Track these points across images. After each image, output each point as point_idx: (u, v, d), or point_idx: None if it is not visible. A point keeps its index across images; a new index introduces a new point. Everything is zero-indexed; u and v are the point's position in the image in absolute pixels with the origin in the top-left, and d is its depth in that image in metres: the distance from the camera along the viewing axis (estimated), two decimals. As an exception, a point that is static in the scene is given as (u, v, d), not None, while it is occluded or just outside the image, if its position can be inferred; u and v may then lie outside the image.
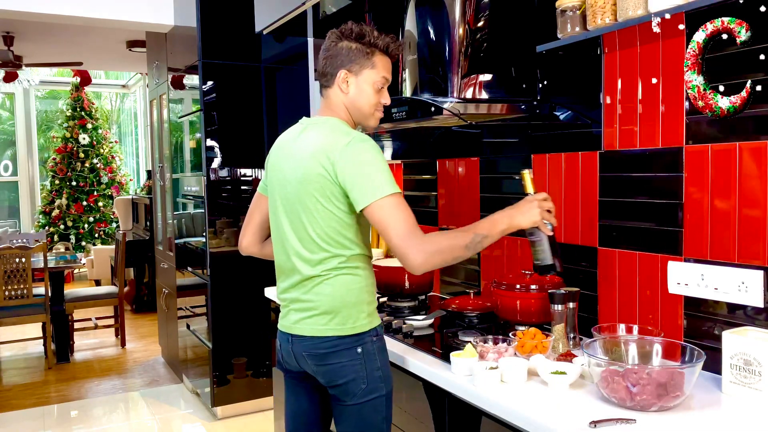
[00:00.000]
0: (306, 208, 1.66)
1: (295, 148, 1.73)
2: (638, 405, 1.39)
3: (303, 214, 1.67)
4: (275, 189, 1.78)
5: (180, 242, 4.27)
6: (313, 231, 1.67)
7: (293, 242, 1.71)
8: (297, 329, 1.73)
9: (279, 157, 1.79)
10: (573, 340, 1.84)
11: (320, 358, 1.69)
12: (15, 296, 4.75)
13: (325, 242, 1.66)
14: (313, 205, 1.65)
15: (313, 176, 1.63)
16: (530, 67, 2.13)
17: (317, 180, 1.63)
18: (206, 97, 3.65)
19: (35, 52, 6.42)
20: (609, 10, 1.67)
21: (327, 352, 1.68)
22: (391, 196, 1.56)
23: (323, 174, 1.61)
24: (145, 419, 3.89)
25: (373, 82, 1.71)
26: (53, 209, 8.54)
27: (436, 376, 1.74)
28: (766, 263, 1.51)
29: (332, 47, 1.73)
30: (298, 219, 1.69)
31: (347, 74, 1.70)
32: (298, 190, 1.68)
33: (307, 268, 1.69)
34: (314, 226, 1.66)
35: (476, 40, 2.09)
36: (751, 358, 1.43)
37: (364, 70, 1.70)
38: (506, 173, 2.35)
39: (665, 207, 1.74)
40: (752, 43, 1.49)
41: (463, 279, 2.60)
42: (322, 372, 1.70)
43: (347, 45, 1.70)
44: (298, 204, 1.68)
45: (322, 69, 1.74)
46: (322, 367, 1.70)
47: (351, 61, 1.70)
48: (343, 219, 1.65)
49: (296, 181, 1.68)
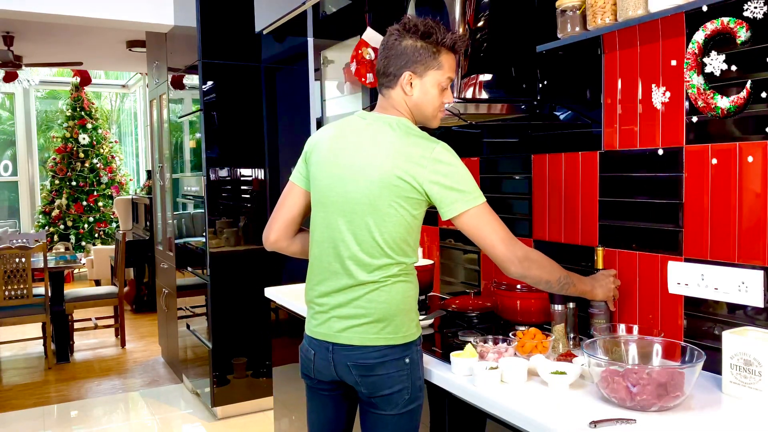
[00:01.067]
0: (377, 210, 1.58)
1: (363, 145, 1.63)
2: (638, 405, 1.39)
3: (371, 216, 1.59)
4: (327, 185, 1.66)
5: (180, 242, 4.27)
6: (380, 235, 1.58)
7: (351, 244, 1.61)
8: (343, 338, 1.62)
9: (335, 150, 1.67)
10: (573, 340, 1.84)
11: (368, 369, 1.60)
12: (15, 296, 4.75)
13: (390, 248, 1.59)
14: (386, 209, 1.58)
15: (392, 179, 1.56)
16: (530, 67, 2.13)
17: (398, 184, 1.56)
18: (206, 97, 3.65)
19: (35, 52, 6.42)
20: (609, 10, 1.67)
21: (376, 362, 1.60)
22: (484, 205, 1.58)
23: (406, 179, 1.55)
24: (145, 419, 3.89)
25: (438, 83, 1.64)
26: (53, 209, 8.54)
27: (436, 376, 1.74)
28: (766, 263, 1.51)
29: (395, 45, 1.63)
30: (362, 221, 1.60)
31: (412, 76, 1.62)
32: (370, 191, 1.58)
33: (363, 273, 1.60)
34: (382, 231, 1.58)
35: (476, 39, 2.09)
36: (751, 358, 1.43)
37: (430, 71, 1.62)
38: (506, 173, 2.35)
39: (665, 207, 1.74)
40: (752, 43, 1.49)
41: (464, 279, 2.60)
42: (367, 383, 1.61)
43: (412, 44, 1.61)
44: (367, 205, 1.59)
45: (384, 68, 1.66)
46: (367, 378, 1.61)
47: (416, 62, 1.61)
48: (411, 225, 1.61)
49: (368, 181, 1.58)
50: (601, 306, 1.82)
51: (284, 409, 2.80)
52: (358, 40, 2.71)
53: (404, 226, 1.60)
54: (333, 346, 1.64)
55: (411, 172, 1.55)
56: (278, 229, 1.79)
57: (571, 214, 2.05)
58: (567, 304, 1.83)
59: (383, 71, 1.66)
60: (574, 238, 2.04)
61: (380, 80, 1.69)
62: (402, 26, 1.64)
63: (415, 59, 1.61)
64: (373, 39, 2.67)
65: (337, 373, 1.66)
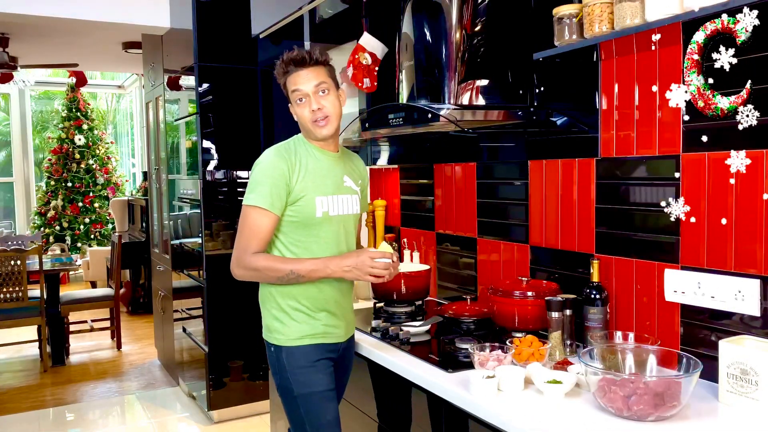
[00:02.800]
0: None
1: None
2: (635, 415, 1.38)
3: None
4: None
5: (176, 244, 4.26)
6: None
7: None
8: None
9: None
10: (570, 347, 1.84)
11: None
12: (10, 299, 4.73)
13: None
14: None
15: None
16: (527, 73, 2.13)
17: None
18: (203, 99, 3.64)
19: (30, 53, 6.39)
20: (606, 18, 1.67)
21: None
22: (249, 207, 1.81)
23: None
24: (141, 423, 3.88)
25: (294, 101, 1.86)
26: (49, 210, 8.51)
27: (432, 384, 1.74)
28: (762, 272, 1.51)
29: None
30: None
31: (290, 106, 1.90)
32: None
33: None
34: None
35: (473, 45, 2.08)
36: (747, 367, 1.43)
37: (289, 95, 1.88)
38: (503, 179, 2.34)
39: (661, 214, 1.74)
40: (752, 43, 1.49)
41: (460, 284, 2.59)
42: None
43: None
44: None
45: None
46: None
47: (287, 95, 1.90)
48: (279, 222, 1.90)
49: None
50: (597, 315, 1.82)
51: (280, 412, 2.79)
52: (355, 45, 2.71)
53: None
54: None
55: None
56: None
57: (568, 221, 2.05)
58: (564, 311, 1.83)
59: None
60: (571, 244, 2.04)
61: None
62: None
63: (285, 93, 1.91)
64: (370, 44, 2.67)
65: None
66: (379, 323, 2.28)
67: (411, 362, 1.88)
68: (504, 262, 2.34)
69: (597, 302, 1.82)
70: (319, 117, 1.82)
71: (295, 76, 1.83)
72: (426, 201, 2.80)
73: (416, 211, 2.88)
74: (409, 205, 2.94)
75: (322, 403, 1.86)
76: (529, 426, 1.40)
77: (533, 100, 2.13)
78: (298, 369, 1.86)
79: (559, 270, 2.10)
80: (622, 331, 1.76)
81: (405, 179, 2.96)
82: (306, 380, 1.85)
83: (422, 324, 2.22)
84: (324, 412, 1.86)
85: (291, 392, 1.87)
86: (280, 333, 1.89)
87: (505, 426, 1.46)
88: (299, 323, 1.86)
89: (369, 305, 2.62)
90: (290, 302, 1.87)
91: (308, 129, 1.87)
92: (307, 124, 1.85)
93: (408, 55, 2.23)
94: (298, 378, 1.85)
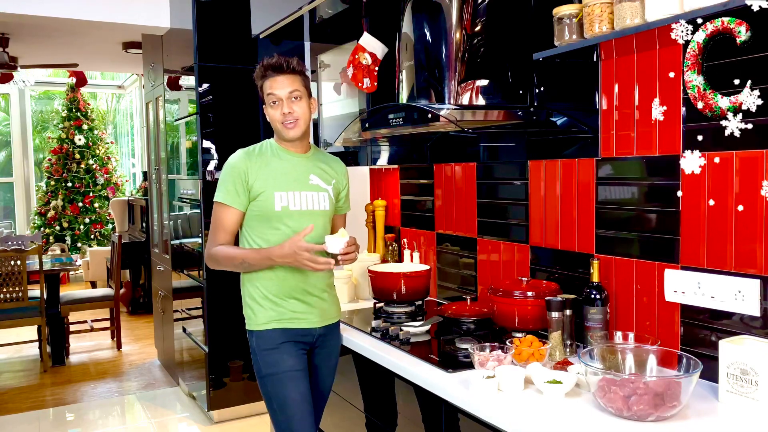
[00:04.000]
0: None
1: None
2: (635, 415, 1.38)
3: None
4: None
5: (176, 244, 4.26)
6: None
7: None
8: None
9: None
10: (570, 347, 1.84)
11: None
12: (10, 299, 4.73)
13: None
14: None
15: None
16: (527, 73, 2.12)
17: None
18: (202, 99, 3.64)
19: (30, 54, 6.39)
20: (606, 18, 1.67)
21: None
22: (214, 203, 2.06)
23: None
24: (141, 423, 3.88)
25: (267, 103, 2.02)
26: (49, 210, 8.51)
27: (432, 384, 1.74)
28: (762, 272, 1.51)
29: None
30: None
31: (264, 108, 2.06)
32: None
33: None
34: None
35: (473, 45, 2.08)
36: (747, 367, 1.43)
37: (264, 98, 2.03)
38: (503, 179, 2.34)
39: (662, 214, 1.74)
40: (752, 43, 1.49)
41: (460, 284, 2.59)
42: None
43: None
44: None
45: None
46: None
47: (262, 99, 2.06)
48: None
49: None
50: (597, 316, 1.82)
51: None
52: (355, 45, 2.71)
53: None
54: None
55: None
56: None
57: (568, 221, 2.05)
58: (564, 311, 1.83)
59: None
60: (571, 245, 2.04)
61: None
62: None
63: (260, 96, 2.06)
64: (370, 44, 2.67)
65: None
66: (379, 323, 2.28)
67: (411, 362, 1.88)
68: (504, 262, 2.34)
69: (597, 302, 1.82)
70: (289, 120, 2.00)
71: (272, 81, 1.99)
72: (426, 201, 2.80)
73: (416, 211, 2.88)
74: (409, 205, 2.94)
75: (286, 382, 1.98)
76: (529, 426, 1.40)
77: (533, 100, 2.13)
78: (265, 351, 2.01)
79: (559, 270, 2.10)
80: (622, 331, 1.76)
81: (405, 179, 2.96)
82: (272, 361, 1.99)
83: (422, 324, 2.22)
84: (288, 390, 1.98)
85: (260, 372, 2.02)
86: (251, 319, 2.05)
87: (505, 426, 1.46)
88: (266, 309, 2.02)
89: (369, 305, 2.62)
90: (258, 291, 2.03)
91: (278, 129, 2.04)
92: (277, 125, 2.03)
93: (408, 55, 2.23)
94: (265, 359, 2.00)
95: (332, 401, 2.38)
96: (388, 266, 2.65)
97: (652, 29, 1.66)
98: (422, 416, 1.85)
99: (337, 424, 2.40)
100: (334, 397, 2.37)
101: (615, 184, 1.88)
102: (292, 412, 1.97)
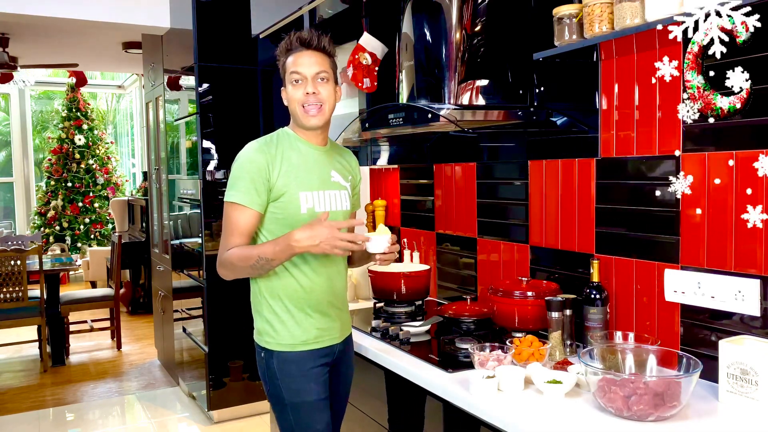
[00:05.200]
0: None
1: None
2: (635, 415, 1.38)
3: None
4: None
5: (176, 244, 4.26)
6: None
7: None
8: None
9: None
10: (570, 347, 1.84)
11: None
12: (10, 299, 4.73)
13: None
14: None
15: None
16: (527, 72, 2.12)
17: None
18: (203, 99, 3.64)
19: (30, 53, 6.39)
20: (606, 18, 1.67)
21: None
22: (227, 204, 1.75)
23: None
24: (141, 423, 3.88)
25: (289, 82, 1.77)
26: (48, 210, 8.51)
27: (432, 384, 1.74)
28: (762, 272, 1.51)
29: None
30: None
31: (283, 90, 1.82)
32: None
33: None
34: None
35: (473, 45, 2.08)
36: (747, 367, 1.43)
37: (285, 77, 1.79)
38: (503, 179, 2.34)
39: (662, 214, 1.74)
40: (752, 43, 1.49)
41: (460, 284, 2.59)
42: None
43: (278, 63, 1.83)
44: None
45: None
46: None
47: (282, 77, 1.81)
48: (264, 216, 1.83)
49: None
50: (597, 316, 1.82)
51: (280, 413, 2.79)
52: (355, 45, 2.71)
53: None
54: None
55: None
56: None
57: (568, 221, 2.05)
58: (564, 311, 1.83)
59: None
60: (571, 244, 2.04)
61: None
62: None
63: (282, 74, 1.81)
64: (370, 44, 2.67)
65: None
66: (379, 323, 2.28)
67: (411, 362, 1.88)
68: (504, 262, 2.34)
69: (597, 302, 1.82)
70: (312, 102, 1.73)
71: (297, 56, 1.74)
72: (426, 201, 2.80)
73: (416, 211, 2.88)
74: (409, 205, 2.94)
75: (313, 413, 1.79)
76: (529, 426, 1.40)
77: (533, 100, 2.13)
78: (290, 377, 1.79)
79: (559, 270, 2.10)
80: (622, 331, 1.76)
81: (405, 179, 2.96)
82: (298, 389, 1.78)
83: (422, 324, 2.23)
84: (314, 422, 1.79)
85: (282, 400, 1.80)
86: (271, 337, 1.81)
87: (505, 426, 1.46)
88: (291, 327, 1.79)
89: (369, 305, 2.62)
90: (282, 305, 1.80)
91: (297, 115, 1.76)
92: (296, 108, 1.75)
93: (408, 55, 2.23)
94: (289, 386, 1.79)
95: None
96: (388, 266, 2.65)
97: (652, 29, 1.66)
98: (422, 416, 1.85)
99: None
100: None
101: (615, 184, 1.88)
102: None
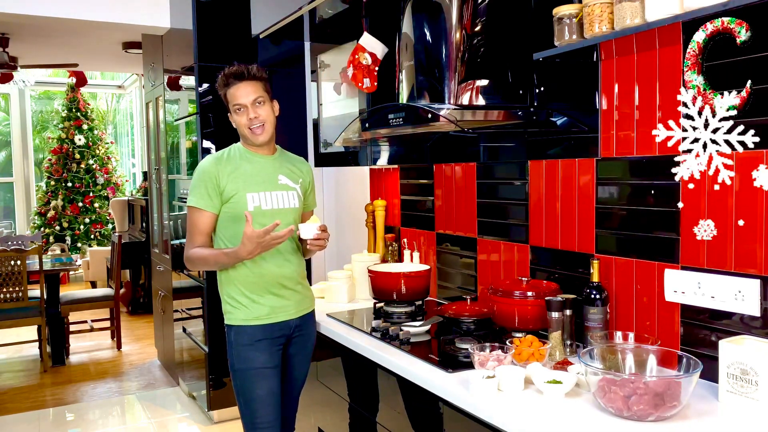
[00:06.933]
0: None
1: None
2: (635, 415, 1.38)
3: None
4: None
5: (176, 244, 4.26)
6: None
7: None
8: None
9: None
10: (570, 347, 1.84)
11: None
12: (10, 299, 4.73)
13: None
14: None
15: None
16: (527, 72, 2.12)
17: None
18: (202, 99, 3.64)
19: (30, 53, 6.39)
20: (606, 18, 1.67)
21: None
22: (188, 207, 2.13)
23: None
24: (141, 423, 3.88)
25: (233, 111, 2.14)
26: (49, 210, 8.51)
27: (432, 384, 1.74)
28: (762, 272, 1.51)
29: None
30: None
31: (229, 115, 2.18)
32: None
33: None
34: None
35: (473, 45, 2.08)
36: (747, 367, 1.43)
37: (229, 107, 2.15)
38: (503, 179, 2.34)
39: (662, 214, 1.74)
40: (752, 43, 1.49)
41: (460, 284, 2.59)
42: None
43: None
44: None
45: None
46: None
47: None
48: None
49: None
50: (597, 316, 1.82)
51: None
52: (355, 45, 2.71)
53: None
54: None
55: None
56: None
57: (568, 221, 2.05)
58: (564, 311, 1.83)
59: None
60: (571, 245, 2.04)
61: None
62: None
63: (225, 104, 2.18)
64: (370, 44, 2.67)
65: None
66: (379, 323, 2.28)
67: (411, 362, 1.88)
68: (504, 262, 2.34)
69: (597, 302, 1.82)
70: (256, 124, 2.10)
71: (235, 89, 2.10)
72: (426, 201, 2.80)
73: (416, 211, 2.88)
74: (409, 205, 2.94)
75: (255, 379, 2.09)
76: (529, 426, 1.40)
77: (533, 100, 2.13)
78: (240, 346, 2.11)
79: (559, 270, 2.10)
80: (622, 331, 1.76)
81: (405, 179, 2.96)
82: (245, 356, 2.10)
83: (422, 324, 2.22)
84: (256, 387, 2.09)
85: (232, 366, 2.13)
86: (230, 314, 2.15)
87: (505, 426, 1.46)
88: (245, 307, 2.12)
89: (369, 305, 2.62)
90: (237, 289, 2.13)
91: (245, 135, 2.14)
92: (244, 130, 2.12)
93: (408, 55, 2.23)
94: (239, 353, 2.11)
95: (332, 401, 2.39)
96: (388, 266, 2.65)
97: (652, 29, 1.66)
98: (421, 416, 1.85)
99: (338, 424, 2.40)
100: (334, 397, 2.37)
101: (615, 184, 1.88)
102: (255, 407, 2.09)
